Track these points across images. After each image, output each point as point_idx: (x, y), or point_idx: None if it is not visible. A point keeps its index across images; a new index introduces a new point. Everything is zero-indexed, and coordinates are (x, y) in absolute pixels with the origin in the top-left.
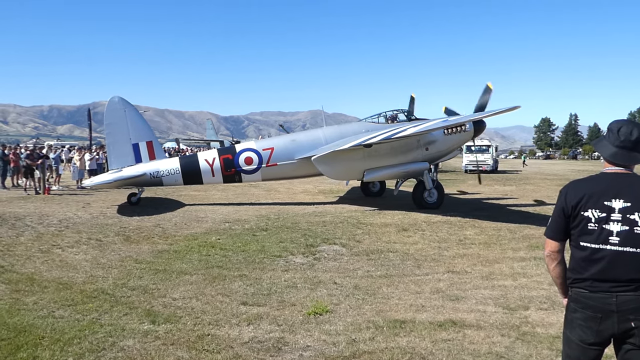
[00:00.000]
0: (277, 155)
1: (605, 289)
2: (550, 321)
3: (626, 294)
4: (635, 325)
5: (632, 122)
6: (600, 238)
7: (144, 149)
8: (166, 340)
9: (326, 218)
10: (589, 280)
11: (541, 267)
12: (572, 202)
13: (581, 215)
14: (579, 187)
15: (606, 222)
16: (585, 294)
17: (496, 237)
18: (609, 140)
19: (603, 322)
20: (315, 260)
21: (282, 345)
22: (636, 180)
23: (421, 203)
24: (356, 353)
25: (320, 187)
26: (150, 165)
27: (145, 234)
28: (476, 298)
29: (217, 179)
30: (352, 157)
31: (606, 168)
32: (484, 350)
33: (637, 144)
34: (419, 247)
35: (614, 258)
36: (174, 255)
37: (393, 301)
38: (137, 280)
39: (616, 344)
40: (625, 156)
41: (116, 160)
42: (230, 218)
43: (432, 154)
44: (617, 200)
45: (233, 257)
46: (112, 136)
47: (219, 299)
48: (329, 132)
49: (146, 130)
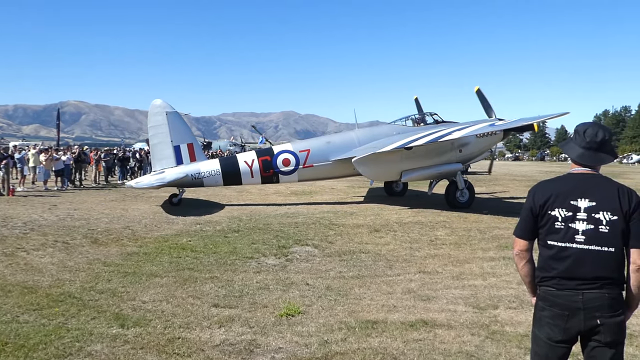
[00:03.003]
0: (313, 157)
1: (571, 287)
2: (519, 320)
3: (592, 292)
4: (601, 323)
5: (597, 124)
6: (567, 237)
7: (185, 150)
8: (135, 344)
9: (298, 219)
10: (556, 279)
11: (510, 267)
12: (540, 201)
13: (548, 215)
14: (547, 187)
15: (572, 221)
16: (552, 292)
17: (466, 237)
18: (576, 142)
19: (570, 319)
20: (288, 262)
21: (254, 347)
22: (602, 181)
23: (453, 203)
24: (328, 354)
25: (292, 188)
26: (191, 166)
27: (114, 236)
28: (447, 298)
29: (255, 180)
30: (391, 159)
31: (573, 169)
32: (455, 349)
33: (602, 145)
34: (390, 248)
35: (579, 256)
36: (144, 257)
37: (365, 302)
38: (106, 284)
39: (583, 341)
40: (592, 157)
41: (158, 162)
42: (201, 219)
43: (465, 155)
44: (583, 200)
45: (204, 259)
46: (155, 138)
47: (190, 301)
48: (362, 134)
49: (187, 132)
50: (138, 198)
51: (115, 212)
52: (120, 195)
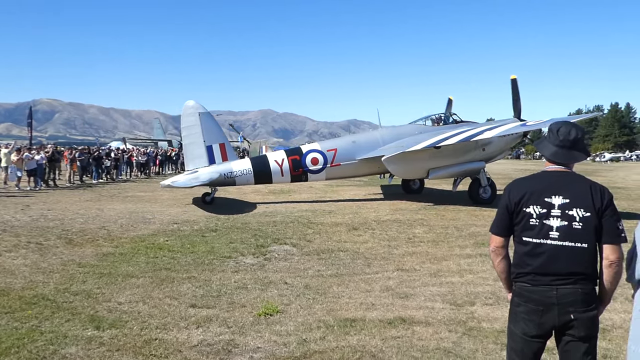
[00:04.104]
0: (340, 156)
1: (546, 283)
2: (495, 316)
3: (566, 287)
4: (575, 317)
5: (570, 123)
6: (541, 233)
7: (217, 150)
8: (111, 347)
9: (277, 218)
10: (531, 274)
11: (487, 264)
12: (515, 199)
13: (523, 212)
14: (522, 185)
15: (547, 217)
16: (527, 288)
17: (444, 235)
18: (550, 140)
19: (544, 314)
20: (266, 261)
21: (232, 347)
22: (575, 178)
23: (477, 199)
24: (307, 353)
25: (270, 187)
26: (224, 166)
27: (90, 236)
28: (425, 295)
29: (285, 178)
30: (419, 158)
31: (547, 167)
32: (432, 346)
33: (575, 143)
34: (369, 246)
35: (554, 252)
36: (120, 258)
37: (343, 300)
38: (81, 285)
39: (557, 336)
40: (565, 155)
41: (191, 162)
42: (178, 219)
43: (488, 154)
44: (557, 197)
45: (181, 259)
46: (188, 138)
47: (167, 302)
48: (385, 133)
49: (219, 132)
50: (114, 198)
51: (90, 212)
52: (96, 195)
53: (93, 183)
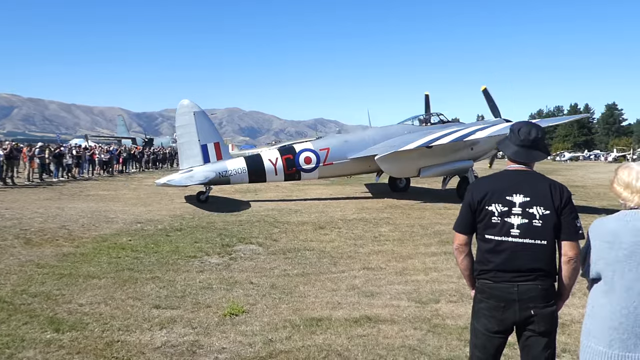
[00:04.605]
0: (332, 155)
1: (507, 279)
2: (459, 313)
3: (526, 284)
4: (535, 313)
5: (531, 122)
6: (503, 230)
7: (212, 149)
8: (71, 349)
9: (242, 217)
10: (493, 271)
11: (451, 262)
12: (477, 197)
13: (486, 210)
14: (484, 183)
15: (508, 215)
16: (489, 285)
17: (409, 233)
18: (511, 140)
19: (506, 310)
20: (232, 260)
21: (196, 348)
22: (535, 177)
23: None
24: (273, 353)
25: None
26: (218, 165)
27: (49, 236)
28: (390, 293)
29: (279, 177)
30: (410, 157)
31: (509, 166)
32: (398, 343)
33: (535, 142)
34: (335, 245)
35: (515, 249)
36: (81, 258)
37: (310, 299)
38: (39, 286)
39: (518, 331)
40: (526, 154)
41: (186, 161)
42: (142, 218)
43: (476, 153)
44: (518, 196)
45: (145, 259)
46: (183, 137)
47: (130, 303)
48: (375, 133)
49: (213, 131)
50: (75, 196)
51: (50, 211)
52: (56, 194)
53: (53, 181)
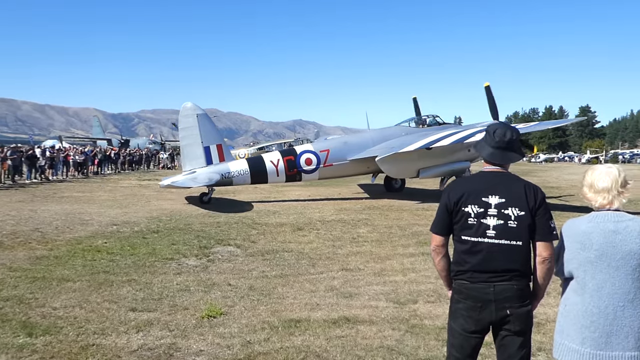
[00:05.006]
0: (332, 156)
1: (484, 280)
2: (436, 313)
3: (502, 284)
4: (511, 313)
5: (506, 124)
6: (479, 231)
7: (214, 151)
8: (45, 354)
9: (220, 219)
10: (470, 272)
11: (429, 262)
12: (454, 199)
13: (462, 211)
14: (460, 185)
15: (484, 216)
16: (466, 285)
17: (387, 234)
18: (487, 141)
19: (482, 311)
20: (209, 262)
21: (173, 351)
22: (510, 178)
23: None
24: (251, 355)
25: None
26: (221, 166)
27: (22, 239)
28: (369, 294)
29: (280, 178)
30: (410, 158)
31: (485, 167)
32: (376, 344)
33: (510, 144)
34: (313, 246)
35: (491, 250)
36: (55, 261)
37: (288, 301)
38: (12, 290)
39: (494, 331)
40: (501, 156)
41: (189, 162)
42: (118, 220)
43: (473, 154)
44: (494, 197)
45: (121, 262)
46: (186, 140)
47: (106, 306)
48: (374, 135)
49: (216, 133)
50: (49, 198)
51: (22, 213)
52: (29, 196)
53: (26, 183)
